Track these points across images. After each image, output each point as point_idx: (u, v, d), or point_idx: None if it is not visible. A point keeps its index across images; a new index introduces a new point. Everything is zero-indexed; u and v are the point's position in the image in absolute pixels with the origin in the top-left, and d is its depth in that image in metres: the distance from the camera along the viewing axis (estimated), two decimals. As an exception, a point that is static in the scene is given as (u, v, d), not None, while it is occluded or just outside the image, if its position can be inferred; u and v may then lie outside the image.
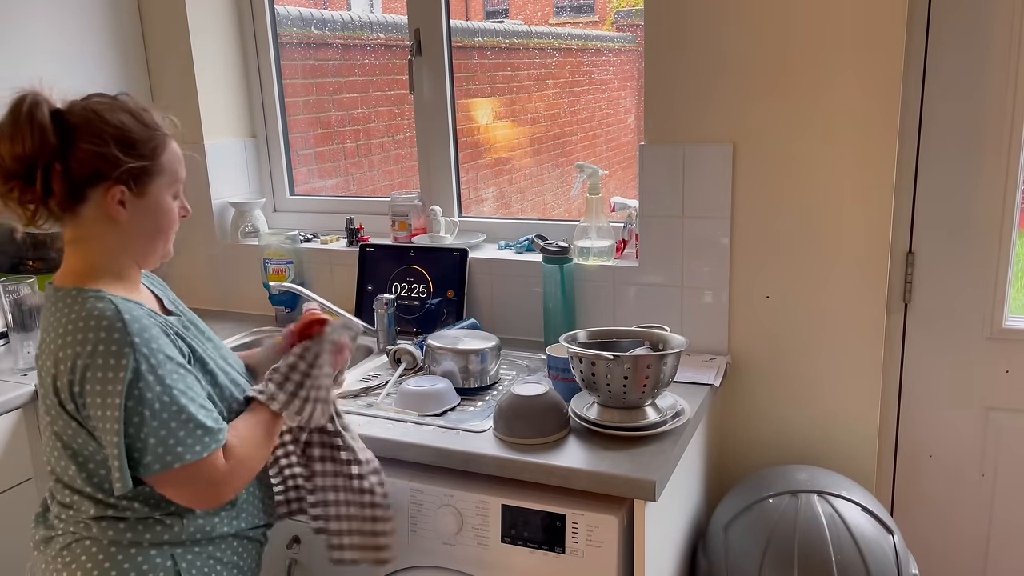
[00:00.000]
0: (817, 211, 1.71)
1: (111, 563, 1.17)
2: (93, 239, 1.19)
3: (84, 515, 1.18)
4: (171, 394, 1.13)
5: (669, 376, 1.45)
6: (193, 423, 1.14)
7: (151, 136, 1.19)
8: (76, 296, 1.15)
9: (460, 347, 1.72)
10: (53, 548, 1.20)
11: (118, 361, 1.10)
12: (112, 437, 1.10)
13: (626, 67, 2.83)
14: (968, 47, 1.66)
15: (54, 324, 1.15)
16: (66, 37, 2.08)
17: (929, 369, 1.83)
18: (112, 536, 1.18)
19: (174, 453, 1.12)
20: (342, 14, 2.58)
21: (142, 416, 1.10)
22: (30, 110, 1.13)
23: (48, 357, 1.14)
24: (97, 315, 1.12)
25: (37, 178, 1.12)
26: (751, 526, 1.53)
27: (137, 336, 1.12)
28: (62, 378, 1.12)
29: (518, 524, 1.40)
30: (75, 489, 1.18)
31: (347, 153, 2.66)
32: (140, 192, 1.19)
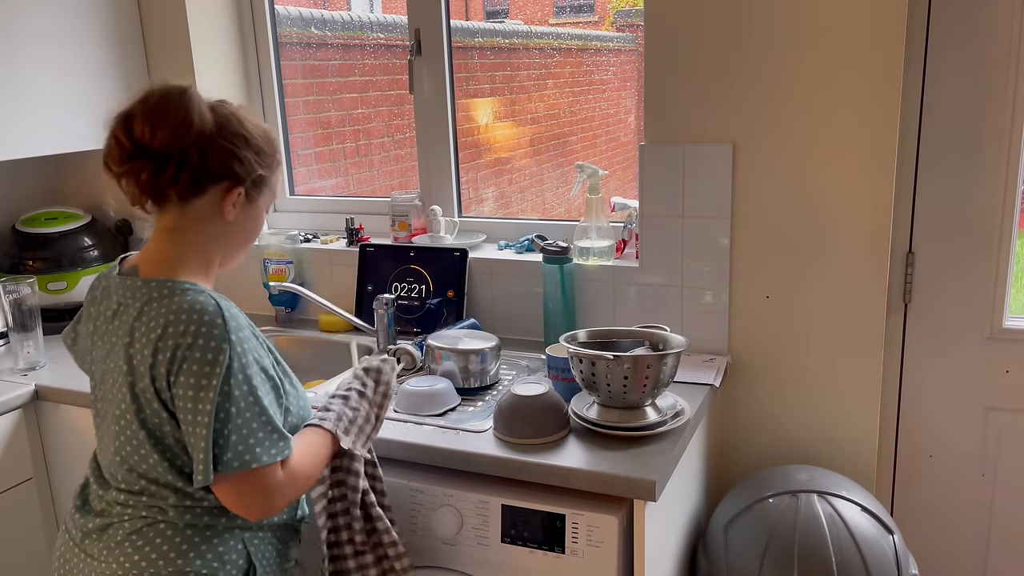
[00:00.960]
0: (817, 211, 1.71)
1: (188, 544, 1.19)
2: (192, 231, 1.22)
3: (161, 502, 1.19)
4: (256, 395, 1.15)
5: (669, 376, 1.45)
6: (271, 426, 1.16)
7: (272, 150, 1.28)
8: (174, 287, 1.18)
9: (460, 347, 1.72)
10: (115, 535, 1.20)
11: (215, 356, 1.12)
12: (202, 430, 1.11)
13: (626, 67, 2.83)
14: (968, 47, 1.66)
15: (151, 313, 1.16)
16: (65, 37, 2.08)
17: (929, 369, 1.83)
18: (189, 520, 1.20)
19: (253, 453, 1.13)
20: (342, 14, 2.58)
21: (228, 413, 1.12)
22: (197, 101, 1.18)
23: (146, 346, 1.14)
24: (200, 308, 1.14)
25: (171, 166, 1.16)
26: (751, 526, 1.54)
27: (234, 334, 1.14)
28: (160, 367, 1.14)
29: (518, 524, 1.40)
30: (153, 479, 1.19)
31: (347, 153, 2.66)
32: (252, 198, 1.26)
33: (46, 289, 2.20)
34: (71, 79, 2.10)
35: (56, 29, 2.05)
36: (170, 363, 1.13)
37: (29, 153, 2.03)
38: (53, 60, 2.06)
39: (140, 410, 1.17)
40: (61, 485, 1.93)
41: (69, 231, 2.27)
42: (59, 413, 1.87)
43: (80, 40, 2.11)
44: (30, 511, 1.89)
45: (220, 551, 1.20)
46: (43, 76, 2.04)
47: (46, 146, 2.07)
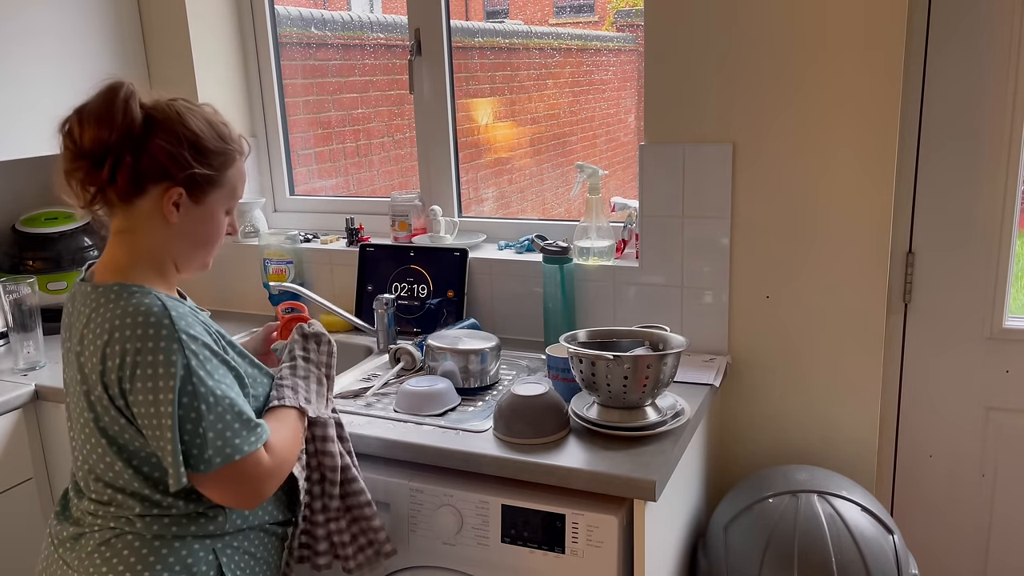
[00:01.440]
0: (817, 211, 1.71)
1: (156, 556, 1.17)
2: (141, 233, 1.20)
3: (128, 512, 1.18)
4: (221, 388, 1.14)
5: (669, 376, 1.45)
6: (245, 416, 1.15)
7: (223, 149, 1.23)
8: (120, 291, 1.16)
9: (460, 347, 1.72)
10: (87, 545, 1.19)
11: (167, 358, 1.11)
12: (167, 433, 1.10)
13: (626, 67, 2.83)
14: (968, 47, 1.66)
15: (97, 319, 1.15)
16: (66, 36, 2.08)
17: (929, 369, 1.83)
18: (156, 530, 1.18)
19: (233, 445, 1.13)
20: (342, 14, 2.58)
21: (199, 411, 1.12)
22: (126, 99, 1.16)
23: (94, 353, 1.14)
24: (144, 311, 1.13)
25: (106, 164, 1.15)
26: (751, 526, 1.54)
27: (184, 332, 1.13)
28: (111, 374, 1.12)
29: (518, 524, 1.40)
30: (119, 487, 1.18)
31: (347, 153, 2.66)
32: (197, 199, 1.22)
33: (46, 289, 2.20)
34: (71, 79, 2.10)
35: (56, 29, 2.05)
36: (120, 369, 1.11)
37: (29, 153, 2.03)
38: (53, 60, 2.05)
39: (98, 418, 1.16)
40: (61, 485, 1.93)
41: (69, 231, 2.27)
42: (59, 413, 1.87)
43: (80, 40, 2.11)
44: (30, 511, 1.89)
45: (188, 562, 1.18)
46: (43, 76, 2.04)
47: (46, 146, 2.07)
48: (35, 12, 2.00)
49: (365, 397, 1.70)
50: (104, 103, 1.15)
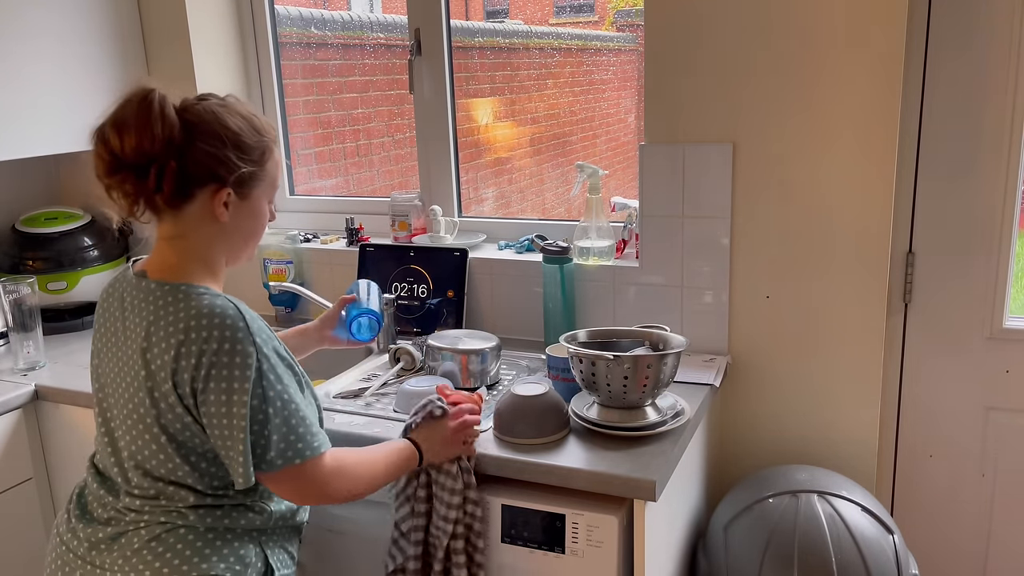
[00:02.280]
0: (817, 211, 1.71)
1: (211, 549, 1.18)
2: (192, 236, 1.21)
3: (180, 503, 1.18)
4: (289, 392, 1.16)
5: (669, 376, 1.45)
6: (308, 421, 1.18)
7: (260, 142, 1.23)
8: (188, 291, 1.17)
9: (460, 347, 1.72)
10: (131, 543, 1.17)
11: (244, 360, 1.12)
12: (238, 434, 1.12)
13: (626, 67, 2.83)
14: (968, 47, 1.66)
15: (168, 318, 1.15)
16: (66, 37, 2.08)
17: (929, 369, 1.83)
18: (209, 523, 1.19)
19: (295, 449, 1.16)
20: (342, 14, 2.58)
21: (266, 414, 1.13)
22: (162, 106, 1.15)
23: (166, 351, 1.13)
24: (220, 312, 1.14)
25: (151, 173, 1.14)
26: (751, 526, 1.53)
27: (257, 336, 1.15)
28: (184, 373, 1.13)
29: (518, 524, 1.40)
30: (170, 480, 1.18)
31: (347, 153, 2.66)
32: (244, 195, 1.23)
33: (46, 289, 2.20)
34: (71, 79, 2.10)
35: (56, 29, 2.05)
36: (195, 369, 1.12)
37: (29, 153, 2.03)
38: (53, 60, 2.05)
39: (161, 415, 1.16)
40: (61, 485, 1.93)
41: (69, 231, 2.27)
42: (59, 413, 1.87)
43: (80, 40, 2.11)
44: (30, 511, 1.89)
45: (241, 553, 1.20)
46: (43, 76, 2.04)
47: (46, 146, 2.07)
48: (35, 14, 2.00)
49: (364, 397, 1.70)
50: (140, 112, 1.14)
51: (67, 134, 2.11)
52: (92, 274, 2.27)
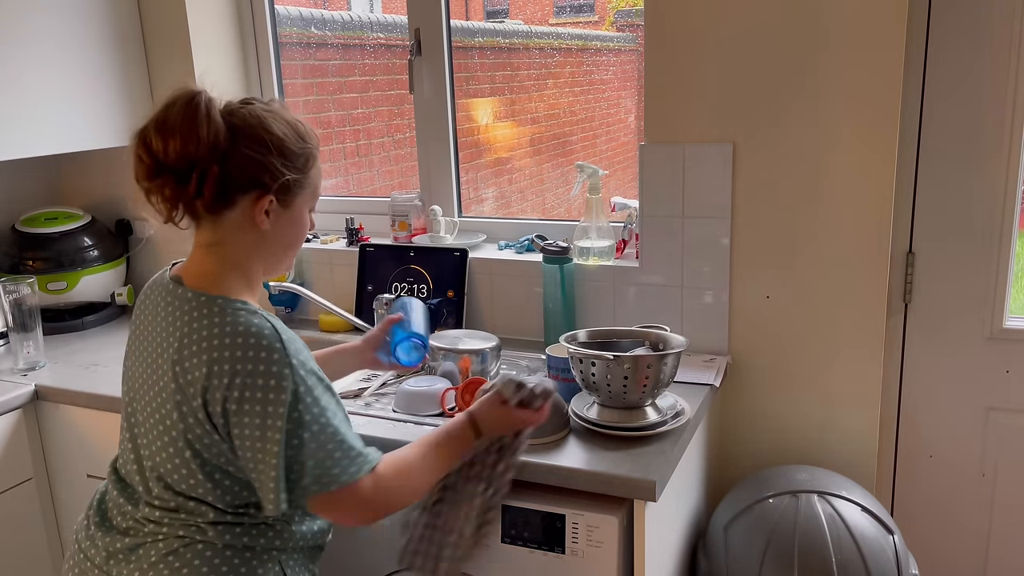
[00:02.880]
0: (817, 211, 1.71)
1: (228, 566, 1.15)
2: (231, 244, 1.18)
3: (200, 518, 1.15)
4: (327, 416, 1.12)
5: (669, 376, 1.45)
6: (347, 445, 1.13)
7: (305, 148, 1.20)
8: (224, 305, 1.13)
9: (460, 347, 1.72)
10: (149, 554, 1.15)
11: (279, 383, 1.08)
12: (272, 459, 1.08)
13: (626, 67, 2.83)
14: (968, 47, 1.66)
15: (202, 332, 1.11)
16: (66, 37, 2.08)
17: (929, 369, 1.83)
18: (228, 540, 1.15)
19: (331, 475, 1.11)
20: (342, 14, 2.58)
21: (301, 439, 1.09)
22: (208, 110, 1.11)
23: (198, 367, 1.09)
24: (256, 332, 1.10)
25: (193, 178, 1.11)
26: (751, 526, 1.53)
27: (294, 358, 1.10)
28: (216, 392, 1.08)
29: (518, 524, 1.40)
30: (191, 496, 1.15)
31: (347, 153, 2.66)
32: (286, 203, 1.19)
33: (46, 289, 2.20)
34: (71, 79, 2.10)
35: (56, 29, 2.05)
36: (228, 389, 1.08)
37: (29, 153, 2.03)
38: (53, 60, 2.05)
39: (188, 430, 1.12)
40: (61, 485, 1.93)
41: (69, 231, 2.27)
42: (59, 413, 1.87)
43: (80, 40, 2.11)
44: (30, 511, 1.89)
45: (259, 573, 1.17)
46: (43, 76, 2.04)
47: (46, 146, 2.07)
48: (36, 14, 2.00)
49: (364, 397, 1.70)
50: (186, 115, 1.10)
51: (67, 135, 2.11)
52: (92, 274, 2.27)
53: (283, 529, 1.20)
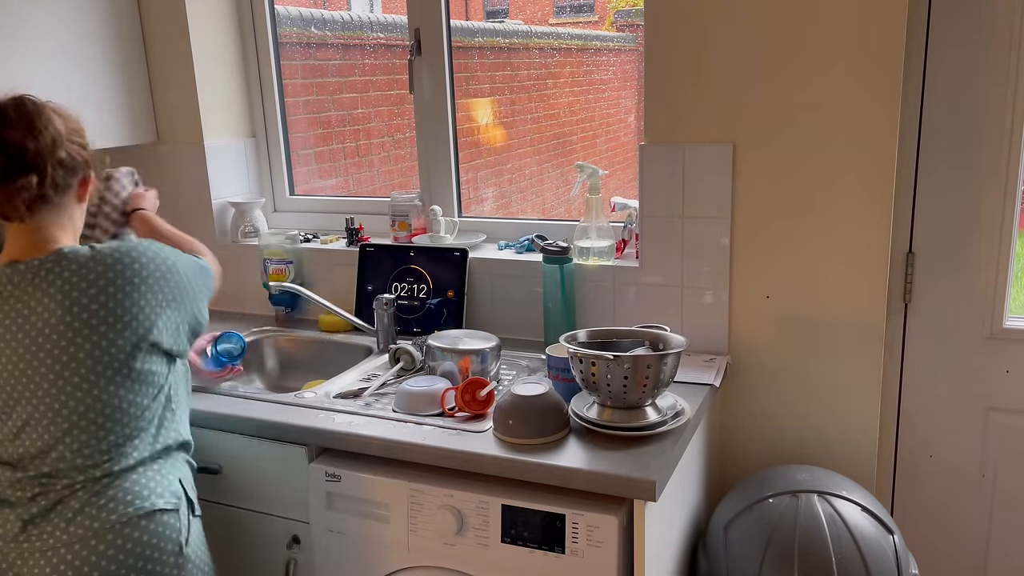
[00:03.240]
0: (817, 211, 1.71)
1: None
2: (55, 222, 1.33)
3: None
4: None
5: (669, 376, 1.45)
6: None
7: (81, 125, 1.40)
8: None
9: (460, 347, 1.72)
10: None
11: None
12: None
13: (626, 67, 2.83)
14: (968, 47, 1.66)
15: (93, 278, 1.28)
16: (65, 37, 2.08)
17: (929, 369, 1.83)
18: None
19: None
20: (342, 14, 2.58)
21: None
22: (43, 107, 1.29)
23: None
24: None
25: (46, 173, 1.27)
26: (751, 526, 1.53)
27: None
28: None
29: (518, 524, 1.40)
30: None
31: (347, 153, 2.66)
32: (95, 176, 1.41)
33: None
34: (71, 79, 2.10)
35: (56, 29, 2.05)
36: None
37: (29, 153, 2.03)
38: (53, 60, 2.05)
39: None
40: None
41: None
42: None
43: (80, 40, 2.11)
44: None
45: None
46: (43, 76, 2.04)
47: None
48: (35, 13, 2.00)
49: (364, 397, 1.70)
50: (29, 115, 1.28)
51: (67, 134, 2.10)
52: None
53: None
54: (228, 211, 2.39)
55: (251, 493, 1.66)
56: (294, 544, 1.64)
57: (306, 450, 1.58)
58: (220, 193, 2.37)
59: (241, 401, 1.69)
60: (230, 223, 2.39)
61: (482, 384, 1.56)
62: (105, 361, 1.27)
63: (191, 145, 2.31)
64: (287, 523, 1.64)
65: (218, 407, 1.66)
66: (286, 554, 1.65)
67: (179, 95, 2.30)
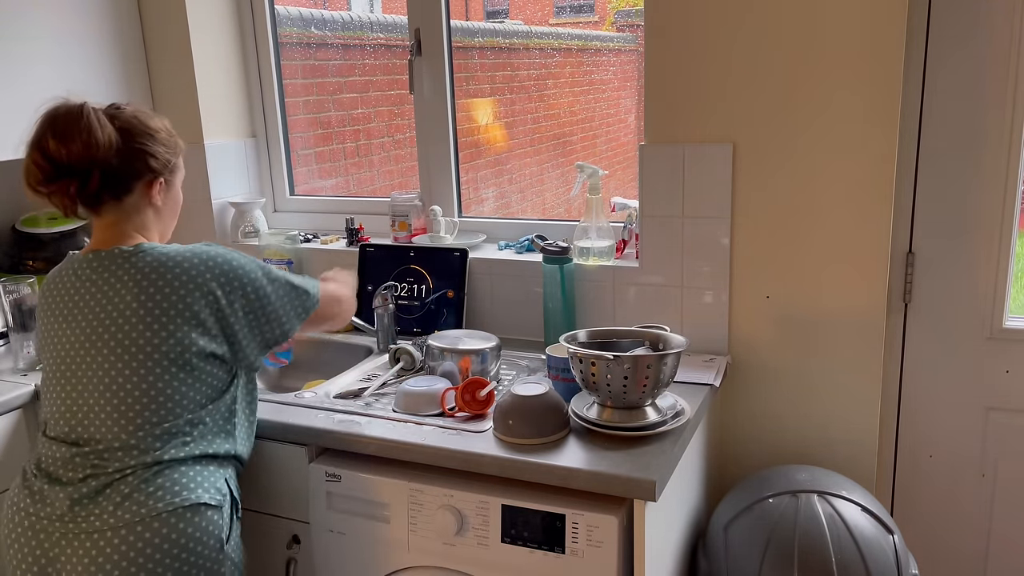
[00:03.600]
0: (817, 211, 1.71)
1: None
2: (130, 221, 1.41)
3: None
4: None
5: (669, 376, 1.45)
6: None
7: (174, 139, 1.47)
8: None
9: (460, 347, 1.72)
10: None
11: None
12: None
13: (626, 67, 2.83)
14: (968, 47, 1.66)
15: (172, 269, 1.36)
16: (65, 37, 2.08)
17: (929, 369, 1.83)
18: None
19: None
20: (342, 14, 2.58)
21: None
22: (95, 116, 1.34)
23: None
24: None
25: (94, 176, 1.33)
26: (751, 526, 1.54)
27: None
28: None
29: (518, 524, 1.40)
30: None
31: (347, 153, 2.66)
32: (170, 183, 1.47)
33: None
34: (71, 79, 2.10)
35: (56, 29, 2.05)
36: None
37: (29, 153, 2.03)
38: (53, 60, 2.05)
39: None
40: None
41: (69, 231, 2.27)
42: (59, 413, 1.87)
43: (80, 40, 2.11)
44: (30, 511, 1.89)
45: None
46: (43, 76, 2.04)
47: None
48: (35, 13, 2.00)
49: (364, 397, 1.70)
50: (79, 125, 1.33)
51: (67, 134, 2.10)
52: (92, 274, 2.27)
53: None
54: (228, 211, 2.40)
55: (251, 493, 1.66)
56: (294, 544, 1.64)
57: (306, 450, 1.58)
58: (220, 193, 2.37)
59: (241, 401, 1.69)
60: (230, 223, 2.39)
61: (482, 384, 1.56)
62: (163, 351, 1.32)
63: (191, 145, 2.31)
64: (287, 523, 1.64)
65: (218, 407, 1.66)
66: (286, 554, 1.65)
67: (179, 95, 2.30)
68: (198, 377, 1.36)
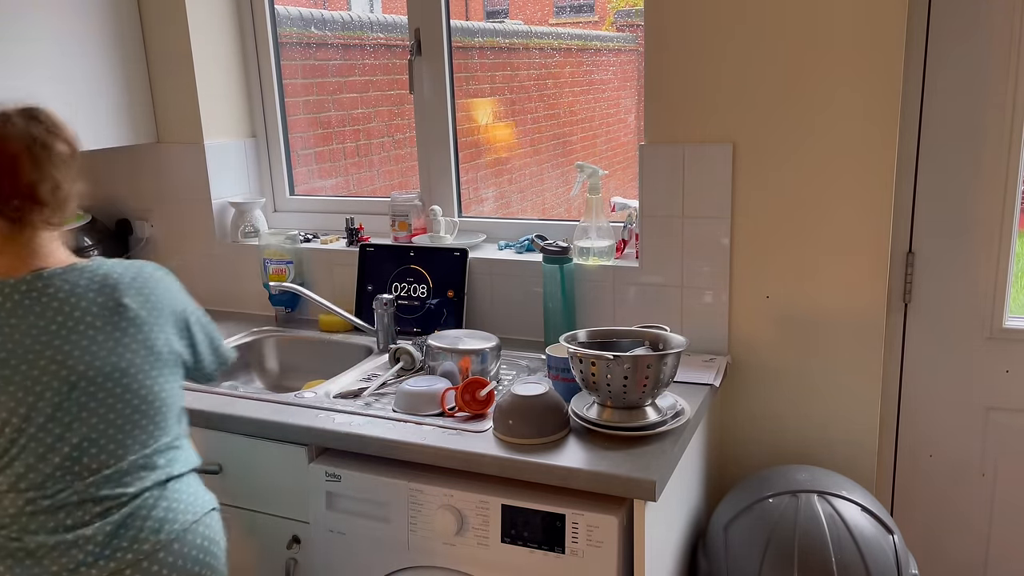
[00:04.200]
0: (817, 211, 1.71)
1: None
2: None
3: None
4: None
5: (669, 376, 1.45)
6: None
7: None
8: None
9: (460, 347, 1.72)
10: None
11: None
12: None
13: (626, 67, 2.83)
14: (968, 47, 1.66)
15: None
16: (65, 37, 2.08)
17: (929, 369, 1.83)
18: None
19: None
20: (342, 14, 2.58)
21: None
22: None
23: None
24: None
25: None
26: (751, 526, 1.54)
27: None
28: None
29: (518, 524, 1.40)
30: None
31: (347, 153, 2.66)
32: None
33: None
34: (71, 79, 2.10)
35: (56, 29, 2.05)
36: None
37: (29, 153, 2.03)
38: (53, 60, 2.05)
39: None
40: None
41: (69, 231, 2.27)
42: (59, 413, 1.86)
43: (80, 40, 2.11)
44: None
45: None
46: (43, 76, 2.04)
47: (46, 146, 2.06)
48: (35, 13, 2.00)
49: (364, 397, 1.70)
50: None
51: (67, 134, 2.10)
52: (92, 274, 2.27)
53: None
54: (228, 211, 2.39)
55: (251, 493, 1.66)
56: (294, 544, 1.64)
57: (306, 450, 1.59)
58: (220, 193, 2.37)
59: (241, 401, 1.69)
60: (230, 223, 2.39)
61: (482, 384, 1.56)
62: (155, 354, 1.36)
63: (191, 145, 2.31)
64: (287, 523, 1.64)
65: (218, 407, 1.66)
66: (286, 554, 1.65)
67: (179, 95, 2.30)
68: (176, 374, 1.42)
